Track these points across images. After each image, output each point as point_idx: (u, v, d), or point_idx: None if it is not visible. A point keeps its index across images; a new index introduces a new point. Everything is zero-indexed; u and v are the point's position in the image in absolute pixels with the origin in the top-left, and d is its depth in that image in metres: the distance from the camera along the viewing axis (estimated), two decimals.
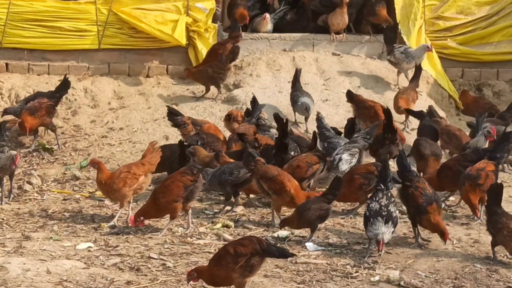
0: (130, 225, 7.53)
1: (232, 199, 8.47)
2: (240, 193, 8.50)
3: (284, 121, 9.08)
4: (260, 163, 8.12)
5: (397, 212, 7.15)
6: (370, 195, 7.58)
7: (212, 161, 8.62)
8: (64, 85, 10.25)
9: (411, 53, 11.00)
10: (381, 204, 7.01)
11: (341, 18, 11.63)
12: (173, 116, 9.69)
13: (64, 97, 10.92)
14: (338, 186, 7.84)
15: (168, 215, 7.75)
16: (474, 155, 8.75)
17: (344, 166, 8.58)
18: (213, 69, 10.79)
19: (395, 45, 11.17)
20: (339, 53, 11.68)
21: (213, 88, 10.98)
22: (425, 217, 7.40)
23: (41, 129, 10.23)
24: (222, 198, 8.58)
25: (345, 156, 8.68)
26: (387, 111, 9.31)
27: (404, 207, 8.18)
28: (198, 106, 10.73)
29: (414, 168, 8.40)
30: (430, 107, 10.36)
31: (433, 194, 7.67)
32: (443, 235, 7.35)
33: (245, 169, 8.21)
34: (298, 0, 12.71)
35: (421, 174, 8.71)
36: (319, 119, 9.50)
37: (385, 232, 6.89)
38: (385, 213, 6.95)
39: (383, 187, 7.21)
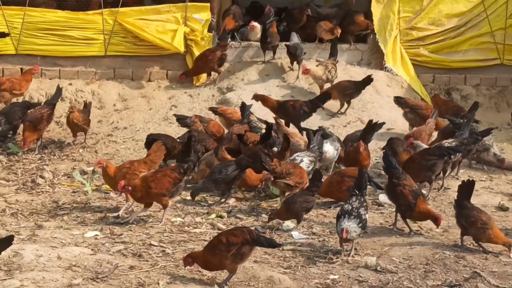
0: (118, 189, 7.57)
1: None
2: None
3: (270, 125, 9.15)
4: (277, 163, 8.17)
5: (367, 216, 7.08)
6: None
7: None
8: (55, 97, 10.19)
9: None
10: (352, 206, 6.97)
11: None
12: (182, 120, 9.68)
13: (73, 99, 10.92)
14: (319, 178, 7.87)
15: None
16: (437, 150, 8.78)
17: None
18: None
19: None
20: (323, 60, 11.66)
21: (210, 93, 10.99)
22: (417, 210, 7.45)
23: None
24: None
25: (306, 159, 8.66)
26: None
27: (386, 200, 8.24)
28: (194, 107, 10.72)
29: None
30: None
31: (417, 188, 7.73)
32: (436, 220, 7.42)
33: (232, 167, 8.20)
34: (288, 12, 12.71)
35: None
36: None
37: (351, 226, 6.83)
38: (355, 213, 6.90)
39: (357, 192, 7.17)
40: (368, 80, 10.45)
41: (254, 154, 8.40)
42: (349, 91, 10.51)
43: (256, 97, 10.20)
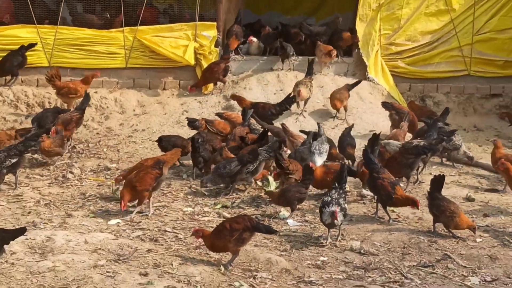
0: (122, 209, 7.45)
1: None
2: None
3: (265, 128, 9.23)
4: (288, 162, 8.22)
5: (346, 205, 7.06)
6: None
7: None
8: (84, 104, 10.08)
9: None
10: (332, 198, 6.94)
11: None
12: (192, 123, 9.69)
13: (99, 105, 10.92)
14: (311, 172, 7.86)
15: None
16: (414, 149, 8.77)
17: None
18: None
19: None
20: (315, 71, 11.67)
21: (217, 100, 10.97)
22: (396, 198, 7.43)
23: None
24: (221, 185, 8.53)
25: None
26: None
27: (369, 192, 8.23)
28: (203, 112, 10.73)
29: None
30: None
31: (394, 179, 7.71)
32: (415, 203, 7.39)
33: (235, 163, 8.17)
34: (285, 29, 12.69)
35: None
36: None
37: (333, 216, 6.78)
38: (337, 202, 6.88)
39: (337, 186, 7.12)
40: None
41: (253, 151, 8.38)
42: None
43: (233, 97, 10.47)
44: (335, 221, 6.78)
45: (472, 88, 12.07)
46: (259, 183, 8.62)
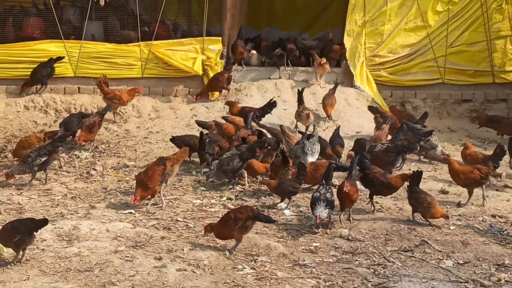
0: (133, 204, 7.39)
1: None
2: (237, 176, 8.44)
3: (261, 131, 9.22)
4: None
5: (333, 197, 7.04)
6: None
7: None
8: (105, 110, 10.14)
9: None
10: (320, 193, 6.94)
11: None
12: (203, 125, 9.73)
13: (117, 110, 10.92)
14: (304, 169, 7.85)
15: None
16: (395, 148, 8.79)
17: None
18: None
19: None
20: (307, 80, 11.68)
21: (222, 105, 10.99)
22: (390, 182, 7.51)
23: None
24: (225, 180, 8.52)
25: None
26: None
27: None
28: (210, 116, 10.73)
29: None
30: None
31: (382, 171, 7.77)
32: (407, 177, 7.52)
33: (237, 160, 8.16)
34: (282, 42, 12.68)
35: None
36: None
37: (322, 211, 6.83)
38: (323, 197, 6.87)
39: (324, 182, 7.12)
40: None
41: (251, 149, 8.37)
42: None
43: (227, 103, 10.51)
44: (322, 217, 6.88)
45: (446, 95, 12.08)
46: (260, 178, 8.60)
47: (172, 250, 6.33)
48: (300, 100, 10.35)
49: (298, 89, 10.54)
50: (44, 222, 6.02)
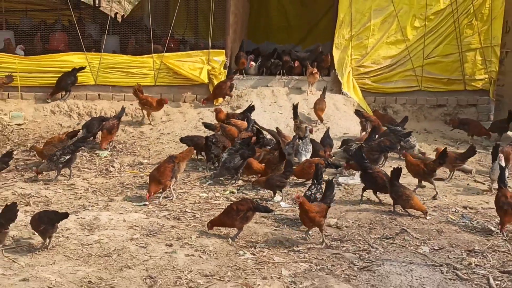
0: (147, 198, 7.38)
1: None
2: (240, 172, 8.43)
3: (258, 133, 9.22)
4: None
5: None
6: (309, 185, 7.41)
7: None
8: (121, 113, 10.06)
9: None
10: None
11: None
12: (209, 127, 9.78)
13: (134, 114, 10.92)
14: (291, 166, 7.86)
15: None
16: (378, 147, 8.78)
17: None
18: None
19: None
20: (300, 87, 11.68)
21: (225, 110, 10.94)
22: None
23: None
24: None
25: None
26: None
27: (343, 180, 8.20)
28: (215, 120, 10.71)
29: None
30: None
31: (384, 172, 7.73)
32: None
33: (238, 158, 8.16)
34: (278, 54, 12.67)
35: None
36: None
37: None
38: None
39: (316, 182, 7.11)
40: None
41: (251, 149, 8.38)
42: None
43: (215, 110, 10.33)
44: None
45: (423, 100, 12.09)
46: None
47: (181, 238, 6.33)
48: (295, 115, 10.16)
49: (293, 104, 10.38)
50: (65, 215, 6.01)
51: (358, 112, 10.53)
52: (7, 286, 5.19)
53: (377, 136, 9.28)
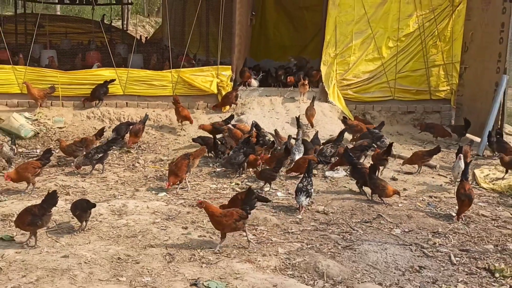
0: (167, 188, 7.35)
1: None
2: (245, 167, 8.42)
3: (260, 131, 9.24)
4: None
5: (312, 189, 6.93)
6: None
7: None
8: (145, 119, 10.03)
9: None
10: (303, 184, 6.87)
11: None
12: (218, 129, 9.70)
13: (155, 119, 10.90)
14: (280, 164, 7.90)
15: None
16: (359, 147, 8.77)
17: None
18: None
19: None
20: (293, 97, 11.66)
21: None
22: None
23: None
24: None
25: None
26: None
27: (329, 174, 8.19)
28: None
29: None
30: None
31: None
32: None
33: (241, 155, 8.13)
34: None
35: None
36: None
37: (304, 200, 6.76)
38: (305, 189, 6.81)
39: (307, 175, 7.02)
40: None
41: (251, 147, 8.36)
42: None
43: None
44: (303, 205, 6.79)
45: (396, 108, 12.06)
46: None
47: (195, 222, 6.34)
48: (298, 125, 9.93)
49: (296, 117, 10.15)
50: (93, 205, 6.02)
51: (344, 120, 10.52)
52: (51, 262, 5.22)
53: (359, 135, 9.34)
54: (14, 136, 9.60)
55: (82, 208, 5.93)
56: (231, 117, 10.36)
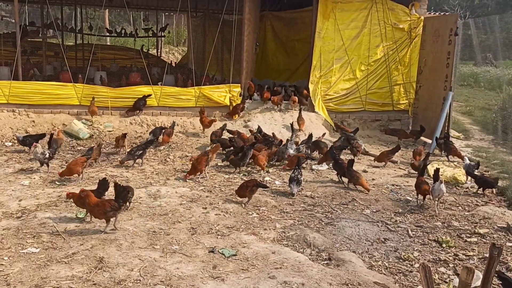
0: (186, 179, 7.25)
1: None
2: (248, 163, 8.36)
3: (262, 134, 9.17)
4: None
5: (302, 178, 6.88)
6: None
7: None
8: (173, 124, 10.03)
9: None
10: (295, 174, 6.85)
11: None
12: (230, 132, 9.66)
13: (182, 125, 10.86)
14: (244, 155, 7.81)
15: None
16: (338, 147, 8.72)
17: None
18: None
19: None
20: (288, 108, 11.58)
21: (240, 122, 10.87)
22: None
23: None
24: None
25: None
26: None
27: (317, 167, 8.13)
28: (233, 128, 10.64)
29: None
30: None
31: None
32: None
33: (242, 154, 7.98)
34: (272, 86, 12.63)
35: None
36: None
37: (294, 188, 6.74)
38: (296, 178, 6.79)
39: (297, 167, 6.99)
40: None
41: (251, 145, 8.27)
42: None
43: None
44: (295, 192, 6.76)
45: (366, 117, 11.98)
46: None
47: (212, 203, 6.34)
48: (292, 129, 9.92)
49: (290, 123, 10.08)
50: (129, 191, 5.62)
51: (336, 125, 10.57)
52: (102, 233, 5.22)
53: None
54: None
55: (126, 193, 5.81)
56: (225, 125, 10.21)
